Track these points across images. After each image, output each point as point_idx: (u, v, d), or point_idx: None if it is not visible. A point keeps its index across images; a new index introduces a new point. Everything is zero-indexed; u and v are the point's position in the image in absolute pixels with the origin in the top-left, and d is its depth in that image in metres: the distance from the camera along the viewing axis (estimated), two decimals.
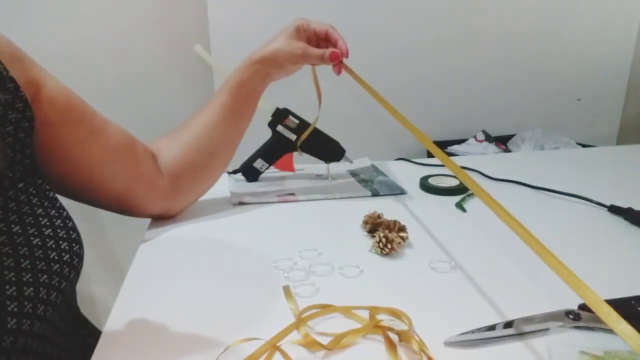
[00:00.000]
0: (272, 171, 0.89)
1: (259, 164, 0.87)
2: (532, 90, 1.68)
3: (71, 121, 0.56)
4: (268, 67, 0.71)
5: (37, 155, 0.53)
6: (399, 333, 0.45)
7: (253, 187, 0.86)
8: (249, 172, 0.87)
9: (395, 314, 0.48)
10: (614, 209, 0.73)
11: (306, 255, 0.62)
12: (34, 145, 0.51)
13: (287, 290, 0.53)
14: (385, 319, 0.48)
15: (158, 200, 0.69)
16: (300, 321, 0.47)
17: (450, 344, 0.45)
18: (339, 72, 0.75)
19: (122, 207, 0.66)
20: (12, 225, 0.46)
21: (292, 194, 0.82)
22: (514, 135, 1.57)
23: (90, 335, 0.59)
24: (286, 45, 0.71)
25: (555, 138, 1.51)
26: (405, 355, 0.43)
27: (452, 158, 1.07)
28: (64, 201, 0.55)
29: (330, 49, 0.71)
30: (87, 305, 0.63)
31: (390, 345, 0.43)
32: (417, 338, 0.44)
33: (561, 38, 1.64)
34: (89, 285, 1.59)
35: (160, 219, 0.72)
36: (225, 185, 0.84)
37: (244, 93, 0.72)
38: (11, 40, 0.52)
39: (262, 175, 0.88)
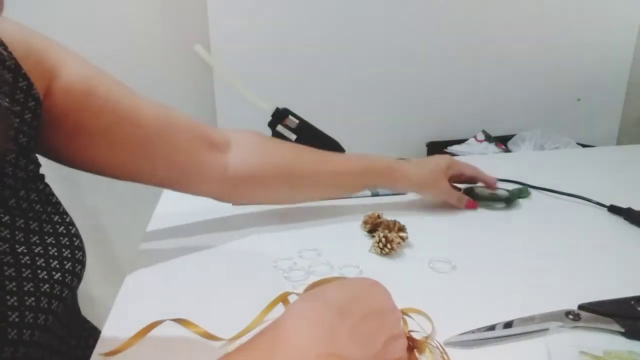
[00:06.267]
0: None
1: None
2: (532, 90, 1.67)
3: (90, 109, 0.53)
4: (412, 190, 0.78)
5: (57, 146, 0.53)
6: (418, 342, 0.44)
7: None
8: None
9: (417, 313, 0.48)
10: (613, 209, 0.73)
11: (306, 255, 0.62)
12: (51, 139, 0.51)
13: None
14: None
15: (209, 188, 0.65)
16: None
17: (450, 344, 0.45)
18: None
19: (168, 187, 0.65)
20: (16, 232, 0.45)
21: None
22: (514, 135, 1.57)
23: (91, 337, 0.59)
24: (444, 192, 0.75)
25: (555, 138, 1.51)
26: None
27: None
28: (66, 201, 0.54)
29: (466, 199, 0.77)
30: (87, 306, 0.63)
31: (411, 352, 0.43)
32: (435, 344, 0.44)
33: (561, 38, 1.64)
34: (89, 286, 1.59)
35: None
36: None
37: (372, 183, 0.76)
38: (27, 27, 0.51)
39: None
